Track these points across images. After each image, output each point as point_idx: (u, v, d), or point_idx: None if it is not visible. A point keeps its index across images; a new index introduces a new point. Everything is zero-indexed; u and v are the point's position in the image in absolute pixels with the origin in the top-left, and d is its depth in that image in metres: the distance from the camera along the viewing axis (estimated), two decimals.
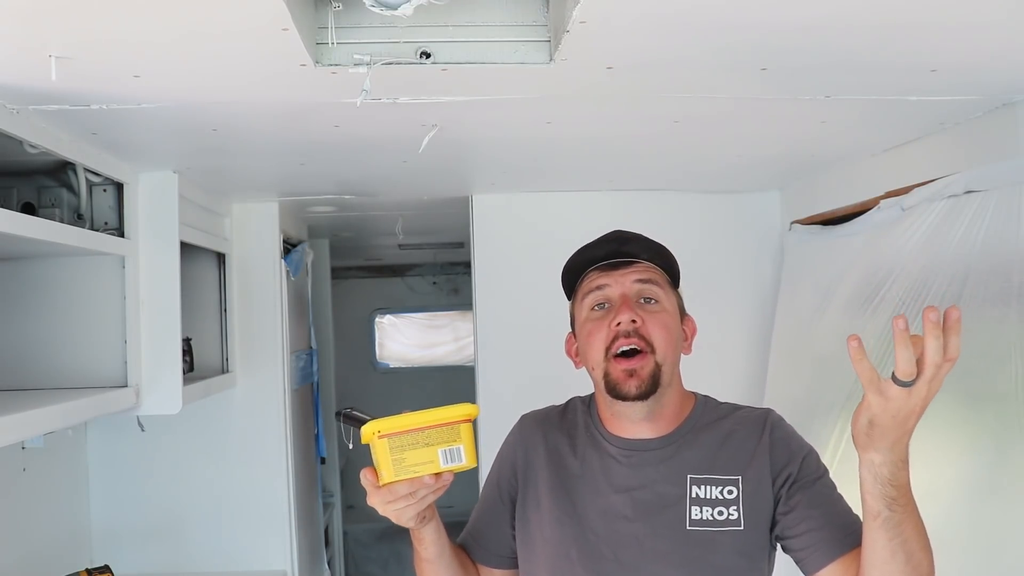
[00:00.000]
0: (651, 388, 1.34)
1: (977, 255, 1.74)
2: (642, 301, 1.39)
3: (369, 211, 3.32)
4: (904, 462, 1.11)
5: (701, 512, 1.34)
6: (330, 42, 1.34)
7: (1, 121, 1.57)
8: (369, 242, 4.70)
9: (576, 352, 1.46)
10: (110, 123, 1.72)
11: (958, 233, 1.80)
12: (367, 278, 6.21)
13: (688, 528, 1.33)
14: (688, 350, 1.46)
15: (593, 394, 1.49)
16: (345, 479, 4.61)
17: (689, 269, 2.84)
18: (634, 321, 1.34)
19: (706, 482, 1.35)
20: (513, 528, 1.48)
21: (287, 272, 3.09)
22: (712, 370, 2.90)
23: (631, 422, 1.39)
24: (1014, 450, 1.63)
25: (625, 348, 1.34)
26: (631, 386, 1.33)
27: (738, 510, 1.33)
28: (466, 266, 3.92)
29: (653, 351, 1.34)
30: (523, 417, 1.55)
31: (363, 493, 1.25)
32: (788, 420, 1.44)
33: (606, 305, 1.39)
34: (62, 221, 1.97)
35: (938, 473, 1.82)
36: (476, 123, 1.85)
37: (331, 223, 3.68)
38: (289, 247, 3.20)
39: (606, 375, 1.36)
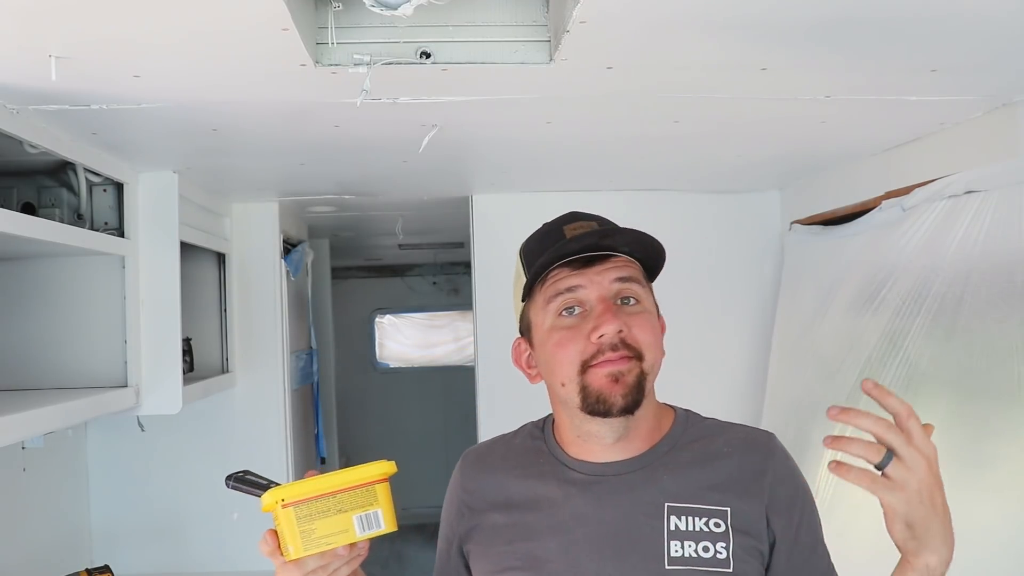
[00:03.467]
0: (638, 398, 1.13)
1: (978, 255, 1.74)
2: (619, 302, 1.16)
3: (369, 211, 3.32)
4: (951, 554, 1.03)
5: (683, 548, 1.12)
6: (330, 42, 1.34)
7: (1, 121, 1.57)
8: (369, 242, 4.70)
9: (530, 363, 1.23)
10: (110, 123, 1.72)
11: (959, 233, 1.80)
12: (367, 278, 6.22)
13: (668, 567, 1.11)
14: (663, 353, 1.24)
15: (548, 416, 1.29)
16: None
17: (689, 269, 2.91)
18: (620, 331, 1.13)
19: (688, 512, 1.14)
20: None
21: (287, 272, 3.09)
22: (712, 371, 2.93)
23: (601, 445, 1.18)
24: (1015, 450, 1.62)
25: (612, 366, 1.13)
26: (617, 394, 1.11)
27: (727, 548, 1.11)
28: (466, 266, 3.92)
29: (641, 359, 1.13)
30: (463, 455, 1.33)
31: None
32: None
33: (577, 310, 1.16)
34: (62, 221, 1.97)
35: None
36: (476, 123, 1.85)
37: (331, 223, 3.68)
38: (289, 247, 3.20)
39: (584, 389, 1.13)
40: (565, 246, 1.16)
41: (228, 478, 1.17)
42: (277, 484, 1.13)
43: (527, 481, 1.22)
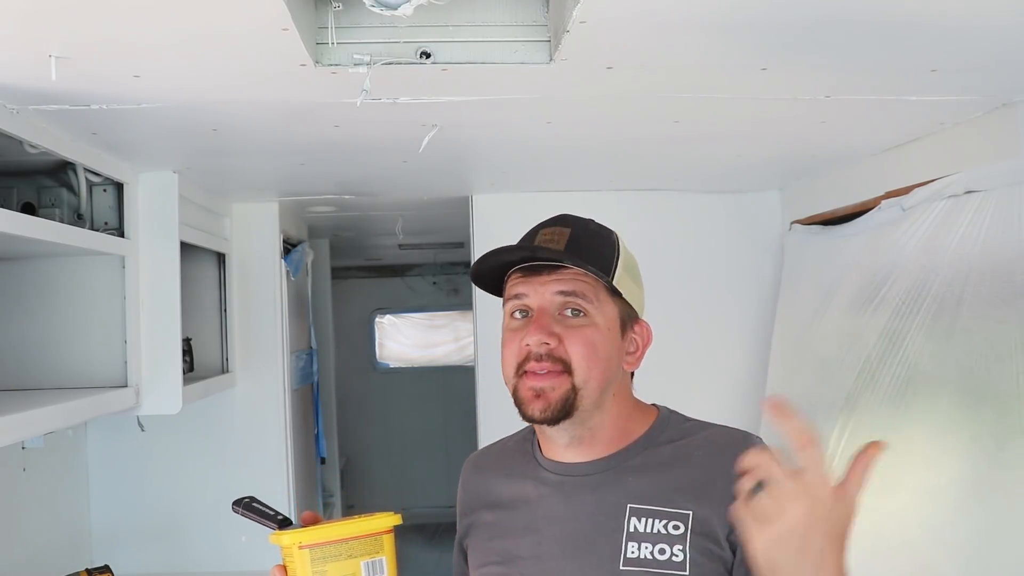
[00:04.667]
0: (560, 414, 1.15)
1: (978, 255, 1.74)
2: (568, 313, 1.18)
3: (369, 211, 3.32)
4: None
5: (639, 549, 1.13)
6: (330, 42, 1.34)
7: (1, 121, 1.57)
8: (369, 242, 4.70)
9: None
10: (110, 123, 1.72)
11: (958, 233, 1.80)
12: (367, 278, 6.22)
13: (621, 568, 1.13)
14: (635, 364, 1.24)
15: None
16: (345, 479, 4.60)
17: (689, 269, 2.91)
18: (547, 343, 1.15)
19: (649, 514, 1.15)
20: None
21: (287, 272, 3.09)
22: (712, 371, 2.93)
23: (559, 445, 1.22)
24: (1014, 450, 1.63)
25: (537, 373, 1.16)
26: (536, 408, 1.16)
27: (683, 551, 1.11)
28: (466, 266, 3.92)
29: (570, 373, 1.15)
30: (467, 459, 1.40)
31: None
32: None
33: (529, 313, 1.20)
34: (62, 221, 1.97)
35: (938, 473, 1.82)
36: (476, 123, 1.85)
37: (331, 223, 3.68)
38: (289, 247, 3.20)
39: (515, 392, 1.19)
40: (505, 254, 1.21)
41: (235, 503, 1.26)
42: (283, 515, 1.23)
43: (511, 481, 1.28)
